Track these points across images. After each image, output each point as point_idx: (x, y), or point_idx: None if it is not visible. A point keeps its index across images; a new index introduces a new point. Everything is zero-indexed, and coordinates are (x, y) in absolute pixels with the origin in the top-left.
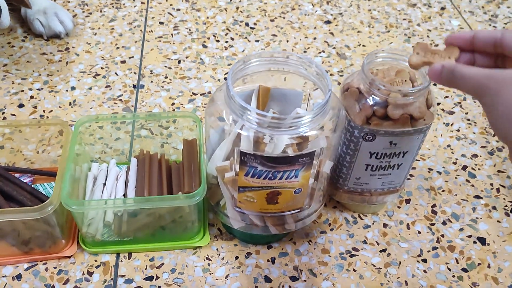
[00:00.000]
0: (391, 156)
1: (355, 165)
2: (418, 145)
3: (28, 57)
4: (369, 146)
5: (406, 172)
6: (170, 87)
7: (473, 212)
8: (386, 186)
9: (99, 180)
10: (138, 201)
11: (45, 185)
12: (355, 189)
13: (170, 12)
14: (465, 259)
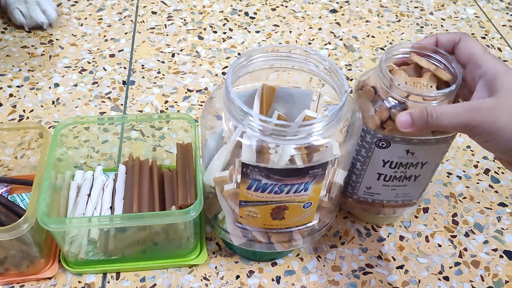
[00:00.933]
0: (407, 167)
1: (366, 173)
2: (440, 156)
3: (8, 50)
4: (383, 153)
5: (424, 184)
6: (163, 83)
7: (498, 222)
8: (401, 198)
9: (83, 191)
10: (126, 217)
11: (23, 196)
12: (365, 199)
13: (163, 1)
14: (491, 276)
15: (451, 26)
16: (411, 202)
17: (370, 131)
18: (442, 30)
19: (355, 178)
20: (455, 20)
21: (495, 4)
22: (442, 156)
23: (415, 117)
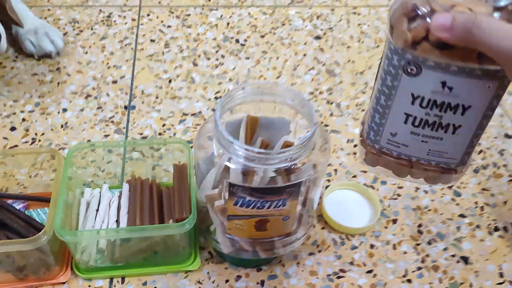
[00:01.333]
0: (443, 108)
1: (391, 112)
2: (489, 102)
3: (20, 78)
4: (412, 83)
5: (466, 142)
6: (161, 108)
7: (458, 231)
8: (435, 158)
9: (92, 207)
10: (130, 230)
11: (38, 211)
12: (389, 150)
13: (161, 29)
14: (448, 279)
15: None
16: (449, 167)
17: (398, 50)
18: None
19: (378, 119)
20: None
21: None
22: (492, 102)
23: (458, 20)
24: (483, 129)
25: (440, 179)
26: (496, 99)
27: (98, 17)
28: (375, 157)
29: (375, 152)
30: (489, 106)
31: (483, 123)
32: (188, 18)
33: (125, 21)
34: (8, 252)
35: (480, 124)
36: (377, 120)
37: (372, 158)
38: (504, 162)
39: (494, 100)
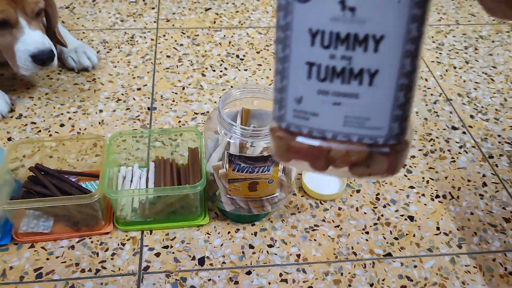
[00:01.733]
0: (350, 44)
1: (291, 66)
2: (405, 27)
3: (64, 86)
4: (307, 13)
5: (390, 98)
6: (177, 109)
7: (407, 198)
8: (355, 130)
9: (127, 179)
10: (156, 190)
11: (86, 183)
12: (297, 127)
13: (175, 47)
14: (397, 231)
15: None
16: (376, 143)
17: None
18: None
19: (279, 80)
20: None
21: (428, 45)
22: (409, 27)
23: None
24: (409, 77)
25: (370, 165)
26: (414, 22)
27: (124, 38)
28: (285, 145)
29: (283, 135)
30: (406, 34)
31: (405, 65)
32: (197, 38)
33: (146, 41)
34: (69, 207)
35: (402, 66)
36: (278, 84)
37: (282, 147)
38: (448, 147)
39: (411, 24)
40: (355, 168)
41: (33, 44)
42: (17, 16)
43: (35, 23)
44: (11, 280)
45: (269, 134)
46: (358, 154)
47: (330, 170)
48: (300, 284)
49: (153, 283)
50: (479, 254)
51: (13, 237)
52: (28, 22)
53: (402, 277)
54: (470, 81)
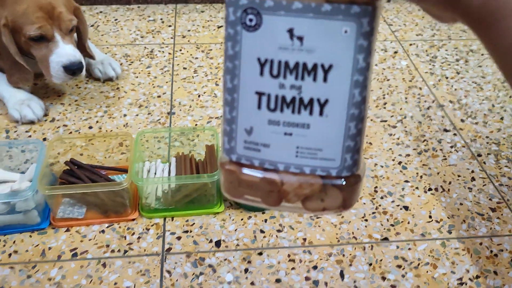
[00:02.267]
0: (299, 73)
1: (241, 97)
2: (352, 57)
3: (91, 94)
4: (255, 42)
5: (341, 129)
6: (194, 113)
7: (402, 191)
8: (308, 161)
9: (151, 171)
10: (178, 179)
11: (114, 177)
12: (248, 159)
13: (191, 60)
14: (393, 219)
15: (390, 74)
16: (329, 174)
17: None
18: (383, 78)
19: (228, 111)
20: (392, 69)
21: (422, 58)
22: (356, 57)
23: None
24: (358, 107)
25: (324, 198)
26: (360, 52)
27: (144, 52)
28: (236, 179)
29: (234, 169)
30: (354, 64)
31: (355, 95)
32: (210, 52)
33: (164, 55)
34: (101, 195)
35: (352, 96)
36: (228, 115)
37: (233, 181)
38: (440, 147)
39: (358, 55)
40: (308, 202)
41: (66, 56)
42: (53, 31)
43: (68, 38)
44: (50, 259)
45: (219, 169)
46: (311, 186)
47: (283, 206)
48: (306, 264)
49: (175, 262)
50: (467, 239)
51: (51, 222)
52: (62, 37)
53: (398, 258)
54: (461, 89)
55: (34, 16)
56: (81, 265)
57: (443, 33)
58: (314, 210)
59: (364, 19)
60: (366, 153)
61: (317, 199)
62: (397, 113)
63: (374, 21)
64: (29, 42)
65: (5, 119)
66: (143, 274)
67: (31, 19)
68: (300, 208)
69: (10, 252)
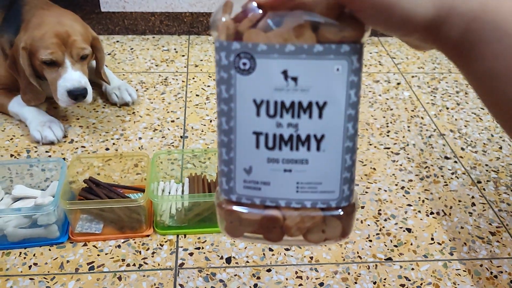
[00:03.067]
0: (295, 112)
1: (238, 138)
2: (345, 93)
3: (108, 118)
4: (250, 85)
5: (338, 162)
6: (205, 137)
7: (405, 214)
8: (308, 195)
9: (166, 191)
10: (191, 196)
11: (129, 195)
12: (249, 198)
13: (203, 88)
14: (396, 240)
15: (393, 104)
16: (329, 206)
17: (224, 44)
18: (387, 107)
19: (225, 153)
20: (395, 99)
21: (424, 89)
22: (348, 93)
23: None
24: (352, 139)
25: (325, 230)
26: (352, 88)
27: (158, 79)
28: (237, 218)
29: (234, 209)
30: (347, 100)
31: (348, 128)
32: None
33: (178, 82)
34: (118, 211)
35: (346, 130)
36: (225, 157)
37: (234, 221)
38: (442, 173)
39: (350, 91)
40: (310, 234)
41: (71, 82)
42: (64, 57)
43: (78, 65)
44: (68, 271)
45: (217, 210)
46: (313, 219)
47: (285, 240)
48: (313, 281)
49: (188, 276)
50: (468, 261)
51: (70, 236)
52: (72, 64)
53: (401, 277)
54: (461, 119)
55: (49, 41)
56: (98, 278)
57: (443, 67)
58: (316, 242)
59: (353, 57)
60: (370, 178)
61: (318, 231)
62: (400, 141)
63: (362, 58)
64: (42, 65)
65: (27, 139)
66: (157, 287)
67: (46, 44)
68: (302, 241)
69: (31, 264)
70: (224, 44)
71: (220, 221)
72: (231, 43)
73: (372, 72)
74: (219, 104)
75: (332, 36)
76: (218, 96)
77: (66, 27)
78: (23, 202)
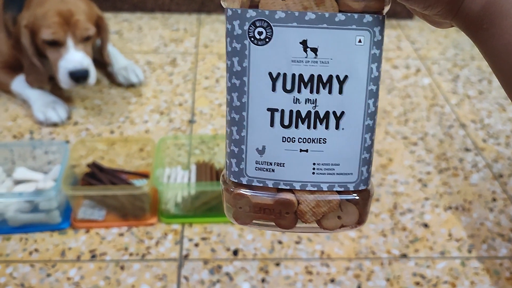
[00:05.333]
0: (314, 86)
1: (250, 115)
2: (367, 66)
3: (114, 100)
4: (266, 56)
5: (358, 141)
6: (214, 122)
7: (422, 208)
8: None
9: (172, 177)
10: (198, 185)
11: (133, 181)
12: (261, 181)
13: (213, 70)
14: (412, 235)
15: (412, 92)
16: (347, 189)
17: (237, 12)
18: (405, 94)
19: (236, 132)
20: (414, 87)
21: (444, 77)
22: (370, 66)
23: None
24: (372, 117)
25: (341, 215)
26: (374, 62)
27: (166, 60)
28: (247, 203)
29: (244, 193)
30: (369, 74)
31: (369, 105)
32: None
33: (186, 64)
34: (122, 198)
35: (367, 107)
36: (236, 136)
37: (243, 207)
38: (462, 166)
39: (371, 64)
40: (325, 221)
41: (72, 63)
42: (66, 37)
43: (81, 45)
44: (70, 259)
45: (224, 195)
46: (329, 204)
47: (298, 228)
48: (324, 277)
49: (192, 268)
50: (487, 259)
51: (72, 223)
52: (75, 44)
53: (416, 275)
54: (484, 109)
55: (51, 20)
56: (100, 267)
57: (466, 53)
58: (332, 228)
59: (376, 28)
60: (386, 169)
61: (334, 217)
62: (419, 131)
63: (383, 30)
64: (44, 45)
65: (30, 120)
66: (161, 278)
67: (48, 23)
68: (315, 228)
69: (31, 250)
70: (238, 12)
71: (227, 207)
72: (245, 10)
73: (390, 57)
74: (230, 78)
75: (355, 5)
76: (229, 70)
77: (70, 5)
78: (25, 185)
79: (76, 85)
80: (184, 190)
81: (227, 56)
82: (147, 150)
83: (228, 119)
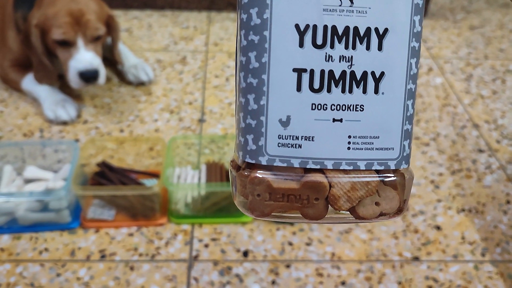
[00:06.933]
0: (350, 40)
1: (272, 78)
2: (409, 19)
3: (123, 98)
4: (291, 5)
5: (399, 108)
6: (224, 121)
7: (434, 210)
8: (363, 154)
9: (182, 177)
10: (207, 186)
11: (143, 180)
12: (284, 160)
13: (223, 68)
14: (424, 238)
15: (424, 91)
16: (387, 168)
17: None
18: (417, 94)
19: (253, 101)
20: (426, 86)
21: (457, 76)
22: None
23: None
24: (415, 81)
25: (379, 201)
26: (416, 14)
27: (176, 58)
28: (267, 189)
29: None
30: (411, 28)
31: (412, 65)
32: None
33: (197, 62)
34: (131, 198)
35: (409, 68)
36: (253, 105)
37: (262, 194)
38: (475, 168)
39: (414, 17)
40: (361, 208)
41: (83, 63)
42: (76, 37)
43: (91, 45)
44: (79, 259)
45: (237, 181)
46: (366, 186)
47: (327, 218)
48: (334, 279)
49: (202, 269)
50: (501, 263)
51: (81, 222)
52: (85, 44)
53: (428, 278)
54: (497, 109)
55: (62, 20)
56: (109, 267)
57: (479, 52)
58: (369, 217)
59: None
60: None
61: (371, 203)
62: (431, 131)
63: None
64: (54, 44)
65: (40, 118)
66: (170, 279)
67: (59, 23)
68: (349, 218)
69: (41, 249)
70: None
71: (239, 197)
72: None
73: None
74: (246, 35)
75: None
76: (244, 25)
77: (80, 5)
78: (35, 184)
79: (86, 85)
80: (194, 191)
81: (243, 8)
82: (157, 149)
83: (242, 86)
